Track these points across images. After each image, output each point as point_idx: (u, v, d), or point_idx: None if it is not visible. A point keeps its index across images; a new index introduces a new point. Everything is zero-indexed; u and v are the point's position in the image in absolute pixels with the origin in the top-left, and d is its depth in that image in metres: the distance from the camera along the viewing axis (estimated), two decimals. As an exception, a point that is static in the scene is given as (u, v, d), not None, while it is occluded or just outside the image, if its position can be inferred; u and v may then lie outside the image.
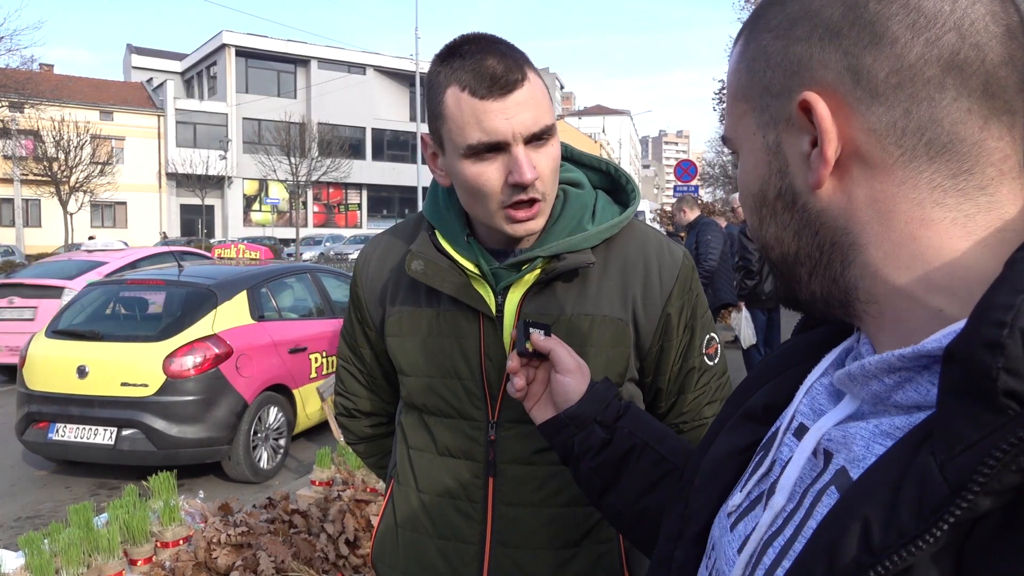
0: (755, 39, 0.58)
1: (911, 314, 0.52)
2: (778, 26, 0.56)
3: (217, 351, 5.44)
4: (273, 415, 5.87)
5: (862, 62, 0.51)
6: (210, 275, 6.18)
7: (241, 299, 5.87)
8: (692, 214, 7.62)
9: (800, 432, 0.59)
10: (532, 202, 1.15)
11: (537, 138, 1.13)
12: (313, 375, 6.39)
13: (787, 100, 0.55)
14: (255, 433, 5.64)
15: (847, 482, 0.50)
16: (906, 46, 0.50)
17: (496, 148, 1.12)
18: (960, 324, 0.46)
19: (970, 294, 0.47)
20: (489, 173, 1.13)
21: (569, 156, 1.33)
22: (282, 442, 5.97)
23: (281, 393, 6.03)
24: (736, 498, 0.63)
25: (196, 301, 5.76)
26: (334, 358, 6.01)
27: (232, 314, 5.73)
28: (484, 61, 1.10)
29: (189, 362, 5.31)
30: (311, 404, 6.25)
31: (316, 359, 6.46)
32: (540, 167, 1.13)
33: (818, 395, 0.61)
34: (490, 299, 1.23)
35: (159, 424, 5.20)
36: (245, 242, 6.90)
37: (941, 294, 0.50)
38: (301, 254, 31.72)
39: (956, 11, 0.49)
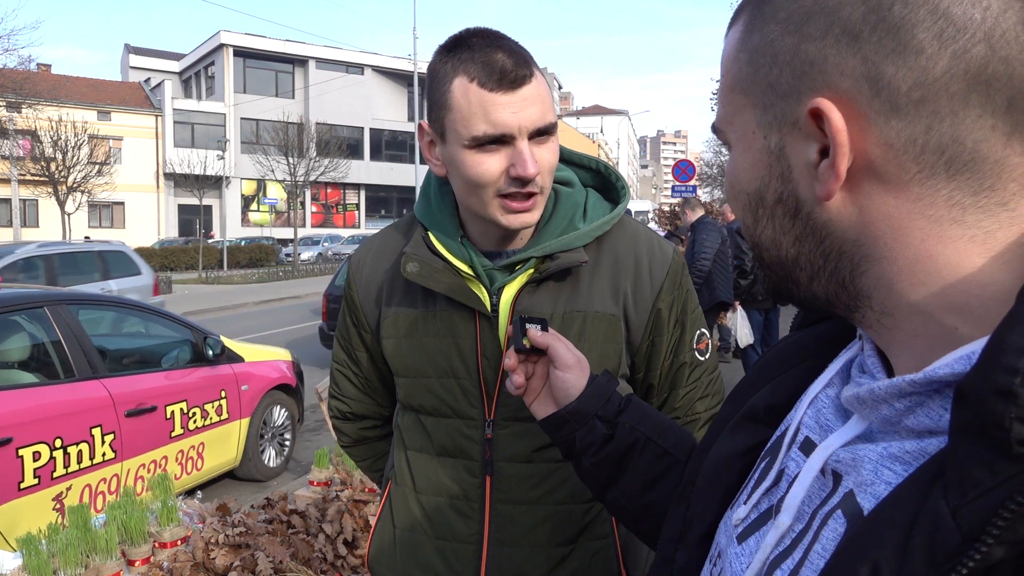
0: (759, 28, 0.53)
1: (926, 331, 0.49)
2: (788, 18, 0.51)
3: None
4: None
5: (883, 71, 0.47)
6: None
7: None
8: (695, 215, 7.58)
9: (807, 447, 0.57)
10: (529, 195, 1.16)
11: (540, 134, 1.15)
12: (32, 482, 3.65)
13: (795, 103, 0.51)
14: None
15: (853, 507, 0.49)
16: (932, 58, 0.45)
17: (500, 141, 1.13)
18: (971, 347, 0.45)
19: (986, 313, 0.46)
20: (490, 163, 1.14)
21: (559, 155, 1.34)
22: None
23: None
24: (742, 510, 0.62)
25: None
26: (81, 448, 3.82)
27: None
28: (494, 55, 1.12)
29: None
30: (28, 523, 3.39)
31: (38, 454, 3.69)
32: (542, 162, 1.15)
33: (824, 408, 0.58)
34: (485, 298, 1.24)
35: None
36: None
37: (956, 313, 0.48)
38: (299, 254, 31.69)
39: (987, 20, 0.45)
